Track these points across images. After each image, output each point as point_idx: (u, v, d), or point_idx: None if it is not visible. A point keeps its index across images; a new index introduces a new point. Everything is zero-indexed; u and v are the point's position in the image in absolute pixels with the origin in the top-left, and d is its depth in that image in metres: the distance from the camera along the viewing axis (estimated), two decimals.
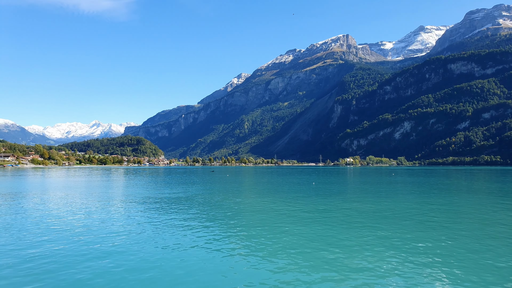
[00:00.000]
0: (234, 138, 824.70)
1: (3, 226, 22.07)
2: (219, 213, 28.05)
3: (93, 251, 16.03)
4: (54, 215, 26.70)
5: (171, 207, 31.42)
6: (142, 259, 14.84)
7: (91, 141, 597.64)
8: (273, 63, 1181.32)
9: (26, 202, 34.94)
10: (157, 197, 40.67)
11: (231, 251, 16.01)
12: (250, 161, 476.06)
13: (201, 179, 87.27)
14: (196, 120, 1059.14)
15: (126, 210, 29.66)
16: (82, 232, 20.19)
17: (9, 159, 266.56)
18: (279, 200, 36.60)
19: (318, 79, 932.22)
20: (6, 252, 15.77)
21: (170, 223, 23.16)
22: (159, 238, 18.79)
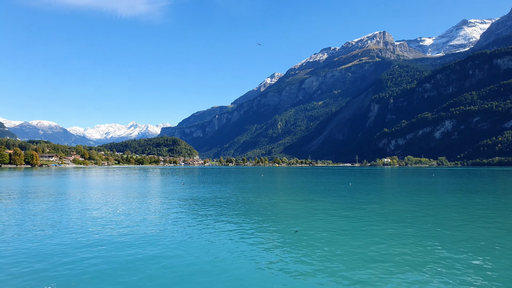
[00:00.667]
0: (267, 138, 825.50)
1: (49, 223, 23.32)
2: (255, 212, 28.24)
3: (132, 249, 16.62)
4: (94, 215, 27.88)
5: (208, 206, 31.97)
6: (180, 256, 15.23)
7: (129, 142, 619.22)
8: (307, 62, 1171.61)
9: (69, 200, 36.76)
10: (195, 196, 41.51)
11: (266, 251, 16.12)
12: (284, 162, 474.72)
13: (236, 178, 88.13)
14: (230, 120, 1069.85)
15: (165, 209, 30.50)
16: (121, 230, 20.99)
17: (53, 159, 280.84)
18: (316, 201, 36.35)
19: (353, 78, 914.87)
20: (53, 248, 16.69)
21: (207, 222, 23.58)
22: (196, 237, 19.18)
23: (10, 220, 23.72)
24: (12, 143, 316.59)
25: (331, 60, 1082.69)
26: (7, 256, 14.81)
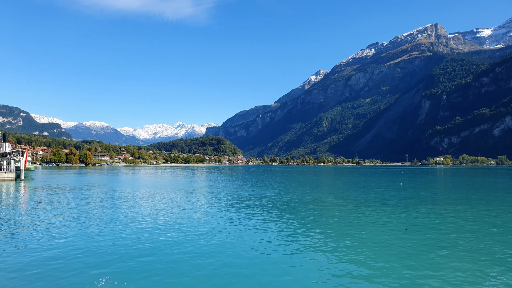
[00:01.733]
0: (312, 137, 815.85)
1: (103, 220, 24.64)
2: (303, 212, 28.07)
3: (176, 246, 17.13)
4: (147, 212, 29.03)
5: (255, 205, 32.23)
6: (227, 255, 15.47)
7: (176, 141, 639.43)
8: (353, 58, 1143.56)
9: (123, 198, 38.59)
10: (241, 194, 41.98)
11: (314, 252, 16.00)
12: (330, 161, 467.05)
13: (281, 178, 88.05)
14: (273, 119, 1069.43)
15: (214, 207, 31.13)
16: (171, 227, 21.71)
17: (105, 158, 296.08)
18: (365, 202, 35.54)
19: (403, 73, 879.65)
20: (109, 244, 17.61)
21: (256, 220, 23.77)
22: (243, 236, 19.39)
23: (70, 216, 25.37)
24: (68, 143, 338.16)
25: (378, 55, 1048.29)
26: (68, 250, 15.86)
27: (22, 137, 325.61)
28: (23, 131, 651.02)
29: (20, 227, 20.07)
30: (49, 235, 17.99)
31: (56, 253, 14.56)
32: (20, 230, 19.21)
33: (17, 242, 16.40)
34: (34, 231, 19.00)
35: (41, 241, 16.69)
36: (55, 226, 20.40)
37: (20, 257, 13.95)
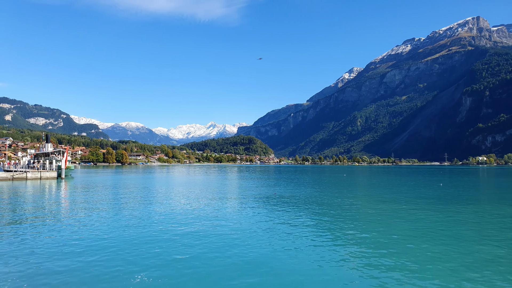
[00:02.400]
0: (346, 136, 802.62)
1: (139, 218, 25.18)
2: (336, 213, 27.61)
3: (209, 245, 17.18)
4: (179, 210, 29.42)
5: (288, 205, 32.01)
6: (259, 255, 15.36)
7: (208, 141, 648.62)
8: (388, 55, 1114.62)
9: (159, 196, 39.42)
10: (271, 195, 41.82)
11: (346, 255, 15.63)
12: (364, 160, 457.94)
13: (314, 178, 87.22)
14: (305, 118, 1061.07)
15: (246, 206, 31.15)
16: (205, 226, 21.86)
17: (140, 157, 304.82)
18: (403, 203, 34.49)
19: (441, 69, 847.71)
20: (137, 241, 17.93)
21: (285, 221, 23.57)
22: (275, 236, 19.24)
23: (108, 213, 26.14)
24: (105, 143, 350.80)
25: (415, 51, 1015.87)
26: (105, 246, 16.28)
27: (63, 138, 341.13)
28: (64, 132, 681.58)
29: (61, 223, 20.86)
30: (87, 231, 18.58)
31: (93, 249, 14.98)
32: (61, 226, 19.96)
33: (57, 238, 17.02)
34: (73, 227, 19.71)
35: (79, 236, 17.25)
36: (93, 223, 21.06)
37: (60, 251, 14.47)
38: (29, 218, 22.79)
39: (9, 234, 17.59)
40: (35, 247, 15.07)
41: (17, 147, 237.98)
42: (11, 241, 16.17)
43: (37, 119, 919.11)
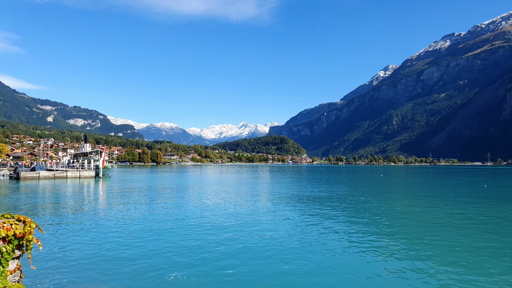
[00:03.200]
0: (381, 135, 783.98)
1: (174, 216, 25.29)
2: (372, 215, 26.73)
3: (240, 246, 16.87)
4: (213, 209, 29.41)
5: (323, 205, 31.37)
6: (290, 257, 14.94)
7: (240, 141, 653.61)
8: (425, 51, 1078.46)
9: (191, 195, 39.70)
10: (305, 195, 41.23)
11: (386, 259, 14.91)
12: (400, 160, 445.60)
13: (349, 178, 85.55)
14: (339, 117, 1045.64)
15: (280, 206, 30.78)
16: (233, 226, 21.62)
17: (174, 157, 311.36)
18: (444, 205, 32.95)
19: (483, 65, 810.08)
20: (172, 240, 17.86)
21: (319, 222, 23.00)
22: (310, 237, 18.77)
23: (144, 212, 26.47)
24: (141, 143, 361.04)
25: (454, 47, 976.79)
26: (141, 244, 16.34)
27: (100, 138, 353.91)
28: (101, 132, 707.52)
29: (99, 220, 21.32)
30: (123, 228, 18.85)
31: (129, 245, 15.06)
32: (98, 223, 20.38)
33: (94, 234, 17.32)
34: (110, 224, 20.11)
35: (115, 233, 17.49)
36: (129, 220, 21.37)
37: (97, 247, 14.71)
38: (69, 215, 23.48)
39: (52, 231, 18.06)
40: (73, 243, 15.37)
41: (58, 147, 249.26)
42: (53, 237, 16.55)
43: (76, 120, 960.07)
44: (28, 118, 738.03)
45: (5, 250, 4.26)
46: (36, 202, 30.49)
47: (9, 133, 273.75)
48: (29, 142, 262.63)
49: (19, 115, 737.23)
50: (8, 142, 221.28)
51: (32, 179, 62.23)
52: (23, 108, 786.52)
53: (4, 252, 4.26)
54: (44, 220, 21.28)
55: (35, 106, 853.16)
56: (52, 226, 19.54)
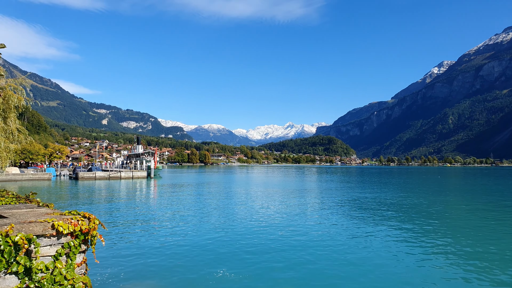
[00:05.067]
0: (436, 135, 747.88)
1: (222, 216, 25.65)
2: (436, 220, 25.54)
3: (289, 247, 16.70)
4: (259, 209, 29.47)
5: (374, 209, 30.52)
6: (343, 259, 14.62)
7: (286, 142, 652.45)
8: (485, 45, 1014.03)
9: (238, 195, 40.12)
10: (357, 197, 40.33)
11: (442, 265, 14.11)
12: (457, 161, 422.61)
13: (403, 180, 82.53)
14: (390, 116, 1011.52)
15: (326, 208, 30.31)
16: (285, 226, 21.49)
17: (221, 158, 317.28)
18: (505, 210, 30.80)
19: None
20: (214, 240, 18.06)
21: (377, 227, 22.36)
22: (363, 242, 18.29)
23: (194, 211, 27.11)
24: (189, 145, 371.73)
25: None
26: (189, 242, 16.68)
27: (151, 140, 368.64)
28: (152, 134, 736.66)
29: (150, 219, 22.13)
30: (174, 227, 19.42)
31: (180, 243, 15.46)
32: (150, 222, 21.15)
33: (149, 232, 18.00)
34: (162, 222, 20.83)
35: (166, 231, 18.08)
36: (180, 219, 21.98)
37: (150, 245, 15.27)
38: (125, 213, 24.64)
39: (111, 228, 19.01)
40: (130, 239, 16.08)
41: (112, 148, 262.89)
42: (112, 233, 17.40)
43: (128, 123, 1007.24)
44: (85, 121, 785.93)
45: (73, 244, 4.61)
46: (94, 201, 32.33)
47: (69, 135, 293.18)
48: (86, 144, 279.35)
49: (77, 118, 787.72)
50: (67, 144, 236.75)
51: (89, 179, 66.03)
52: (81, 112, 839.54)
53: (72, 246, 4.61)
54: (102, 218, 22.49)
55: (91, 110, 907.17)
56: (110, 223, 20.58)
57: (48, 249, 4.46)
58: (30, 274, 4.34)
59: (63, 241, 4.58)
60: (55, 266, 4.48)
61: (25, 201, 6.96)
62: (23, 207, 6.04)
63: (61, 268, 4.50)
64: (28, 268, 4.31)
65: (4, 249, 4.15)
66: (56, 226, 4.46)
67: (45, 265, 4.41)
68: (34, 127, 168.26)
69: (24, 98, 27.30)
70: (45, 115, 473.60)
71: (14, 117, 26.53)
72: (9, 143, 25.53)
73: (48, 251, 4.46)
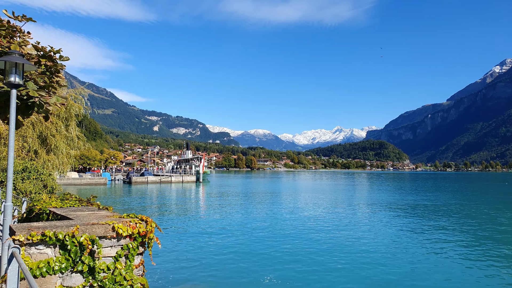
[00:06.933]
0: (498, 139, 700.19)
1: (269, 221, 25.76)
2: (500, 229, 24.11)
3: (340, 252, 16.43)
4: (308, 216, 29.26)
5: (428, 217, 29.33)
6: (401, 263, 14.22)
7: (334, 146, 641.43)
8: None
9: (283, 200, 40.10)
10: (413, 204, 39.00)
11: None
12: None
13: (465, 187, 78.35)
14: (446, 119, 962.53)
15: (376, 215, 29.55)
16: (330, 236, 21.21)
17: (267, 163, 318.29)
18: None
19: None
20: (262, 244, 18.12)
21: (433, 236, 21.50)
22: (418, 251, 17.65)
23: (241, 216, 27.47)
24: (236, 150, 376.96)
25: None
26: (238, 242, 16.92)
27: (200, 145, 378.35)
28: (200, 140, 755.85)
29: (200, 222, 22.74)
30: (225, 231, 19.89)
31: (227, 245, 15.80)
32: (203, 225, 21.75)
33: (200, 236, 18.52)
34: (210, 225, 21.37)
35: (213, 235, 18.47)
36: (228, 223, 22.42)
37: (198, 247, 15.75)
38: (176, 216, 25.57)
39: (164, 230, 19.76)
40: (182, 242, 16.72)
41: (163, 154, 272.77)
42: (166, 236, 18.13)
43: (178, 129, 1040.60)
44: (138, 128, 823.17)
45: (131, 246, 4.81)
46: (147, 204, 33.80)
47: (122, 142, 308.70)
48: (139, 150, 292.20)
49: (130, 125, 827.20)
50: (121, 150, 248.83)
51: (141, 183, 68.98)
52: (133, 119, 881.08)
53: (131, 248, 4.81)
54: (156, 221, 23.42)
55: (143, 117, 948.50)
56: (163, 226, 21.42)
57: (109, 250, 4.70)
58: (94, 273, 4.57)
59: (122, 243, 4.80)
60: (115, 266, 4.70)
61: (86, 204, 7.40)
62: (85, 209, 6.47)
63: (121, 269, 4.70)
64: (92, 268, 4.55)
65: (70, 249, 4.46)
66: (116, 228, 4.71)
67: (106, 265, 4.63)
68: (91, 134, 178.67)
69: (83, 107, 29.38)
70: (101, 122, 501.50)
71: (74, 124, 28.67)
72: (69, 149, 27.54)
73: (109, 252, 4.71)
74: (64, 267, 4.39)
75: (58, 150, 25.53)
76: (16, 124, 6.19)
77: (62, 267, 4.42)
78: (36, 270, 4.28)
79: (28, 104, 6.36)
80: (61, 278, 4.44)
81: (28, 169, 16.85)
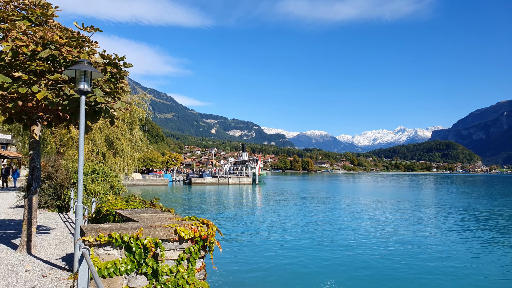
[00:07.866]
0: None
1: (327, 227, 25.59)
2: None
3: (399, 256, 15.96)
4: (369, 221, 28.66)
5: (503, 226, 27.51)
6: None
7: (397, 147, 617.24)
8: None
9: (342, 204, 39.49)
10: (492, 211, 36.72)
11: None
12: None
13: None
14: None
15: (445, 224, 28.32)
16: (393, 246, 20.63)
17: (325, 165, 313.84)
18: None
19: None
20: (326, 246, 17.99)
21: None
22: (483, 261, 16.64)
23: (297, 221, 27.55)
24: (292, 151, 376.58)
25: None
26: (292, 250, 17.03)
27: (255, 147, 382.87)
28: (255, 142, 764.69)
29: (257, 225, 23.13)
30: (284, 236, 20.06)
31: (288, 253, 15.93)
32: (263, 230, 22.13)
33: (260, 240, 18.90)
34: (267, 229, 21.67)
35: (270, 238, 18.71)
36: (286, 226, 22.59)
37: (256, 248, 16.05)
38: (235, 219, 26.26)
39: (224, 233, 20.44)
40: (242, 246, 17.19)
41: (220, 155, 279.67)
42: (226, 239, 18.72)
43: (234, 131, 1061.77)
44: (196, 131, 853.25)
45: (193, 250, 4.87)
46: (206, 206, 35.02)
47: (182, 144, 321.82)
48: (197, 152, 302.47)
49: (189, 128, 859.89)
50: (181, 152, 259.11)
51: (200, 184, 71.33)
52: (192, 122, 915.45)
53: (192, 251, 4.87)
54: (215, 222, 24.21)
55: (201, 120, 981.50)
56: (221, 228, 22.08)
57: (171, 253, 4.77)
58: (157, 276, 4.66)
59: (184, 246, 4.86)
60: (178, 270, 4.76)
61: (149, 205, 7.58)
62: (149, 211, 6.63)
63: (183, 272, 4.76)
64: (155, 270, 4.65)
65: (135, 251, 4.58)
66: (178, 231, 4.77)
67: (169, 268, 4.72)
68: (153, 137, 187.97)
69: (145, 112, 31.23)
70: (162, 126, 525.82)
71: (138, 128, 30.60)
72: (134, 152, 29.43)
73: (171, 255, 4.77)
74: (130, 269, 4.53)
75: (124, 153, 27.41)
76: (86, 128, 6.61)
77: (127, 269, 4.55)
78: (104, 270, 4.45)
79: (96, 110, 6.89)
80: (127, 279, 4.57)
81: (97, 171, 18.20)
